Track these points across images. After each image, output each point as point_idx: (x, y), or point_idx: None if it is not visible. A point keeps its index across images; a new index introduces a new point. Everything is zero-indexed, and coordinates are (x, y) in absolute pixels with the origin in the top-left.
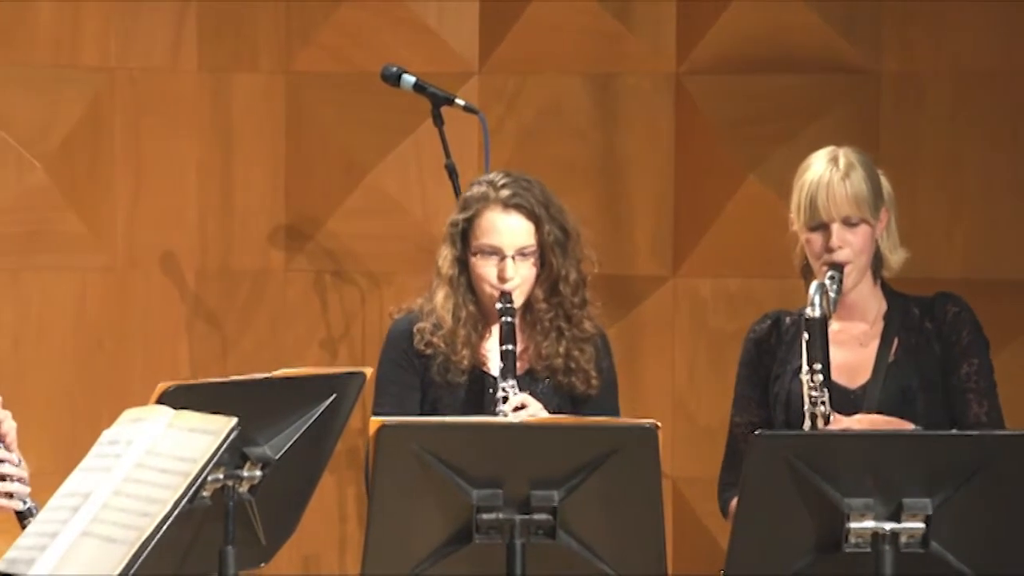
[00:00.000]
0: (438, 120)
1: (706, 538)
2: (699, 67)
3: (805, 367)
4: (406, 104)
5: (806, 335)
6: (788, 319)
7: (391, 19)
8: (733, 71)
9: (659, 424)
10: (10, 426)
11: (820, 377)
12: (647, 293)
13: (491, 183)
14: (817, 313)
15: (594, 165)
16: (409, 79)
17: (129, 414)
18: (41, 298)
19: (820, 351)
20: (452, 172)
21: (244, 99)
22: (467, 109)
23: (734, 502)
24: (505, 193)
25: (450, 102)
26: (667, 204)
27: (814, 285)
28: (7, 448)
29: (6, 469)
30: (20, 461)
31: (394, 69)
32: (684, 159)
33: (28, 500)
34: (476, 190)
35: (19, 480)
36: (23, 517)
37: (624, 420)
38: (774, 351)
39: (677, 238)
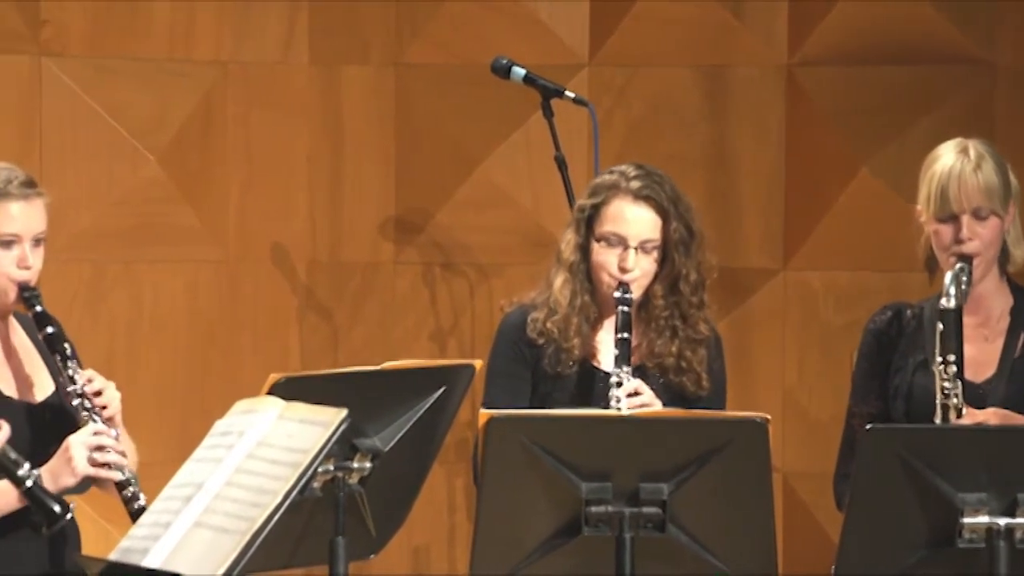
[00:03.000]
0: (548, 112)
1: (816, 532)
2: (811, 58)
3: (938, 358)
4: (516, 96)
5: (940, 325)
6: (909, 311)
7: (501, 12)
8: (845, 62)
9: (769, 418)
10: (113, 395)
11: (954, 369)
12: (757, 286)
13: (623, 173)
14: (952, 303)
15: (704, 157)
16: (519, 71)
17: (241, 405)
18: (154, 290)
19: (954, 342)
20: (562, 164)
21: (355, 92)
22: (577, 101)
23: None
24: (636, 184)
25: (560, 94)
26: (778, 196)
27: (949, 275)
28: (106, 421)
29: (104, 440)
30: (117, 434)
31: (504, 61)
32: (795, 151)
33: (127, 471)
34: (607, 178)
35: (117, 452)
36: (122, 487)
37: (734, 413)
38: (895, 343)
39: (788, 231)
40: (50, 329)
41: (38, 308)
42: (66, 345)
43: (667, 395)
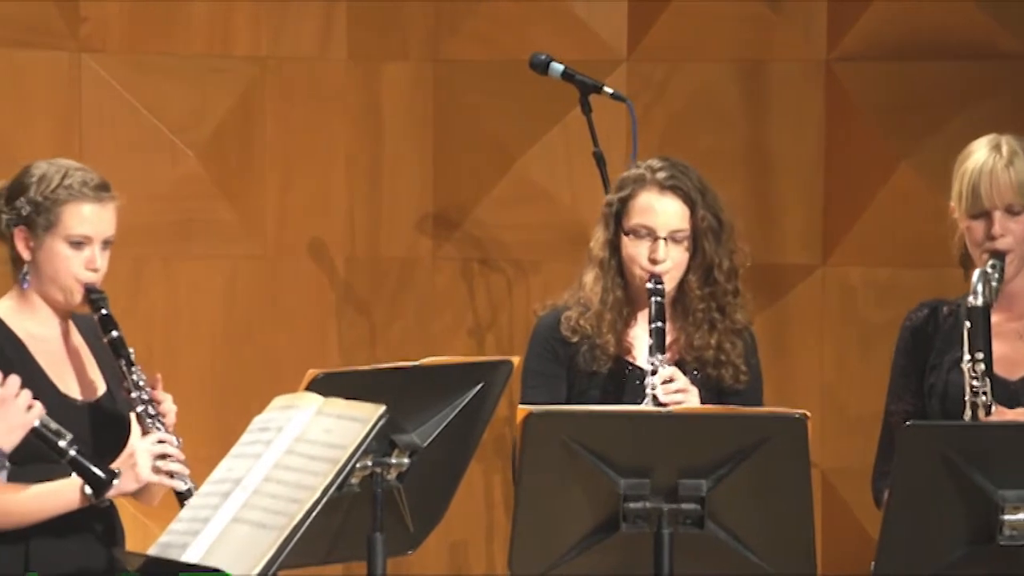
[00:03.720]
0: (586, 108)
1: (855, 528)
2: (850, 53)
3: (967, 356)
4: (554, 92)
5: (968, 324)
6: (946, 308)
7: (539, 8)
8: (885, 57)
9: (808, 414)
10: (170, 408)
11: (982, 367)
12: (796, 282)
13: (648, 166)
14: (979, 301)
15: (743, 153)
16: (557, 67)
17: (279, 401)
18: (192, 286)
19: (982, 340)
20: (600, 160)
21: (393, 88)
22: (615, 97)
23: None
24: (662, 175)
25: (598, 90)
26: (817, 192)
27: (977, 273)
28: (167, 430)
29: (168, 449)
30: (180, 442)
31: (543, 57)
32: (834, 147)
33: (188, 480)
34: (633, 172)
35: (180, 461)
36: (183, 498)
37: (773, 410)
38: (931, 340)
39: (827, 227)
40: (115, 333)
41: (104, 311)
42: (131, 350)
43: (704, 389)
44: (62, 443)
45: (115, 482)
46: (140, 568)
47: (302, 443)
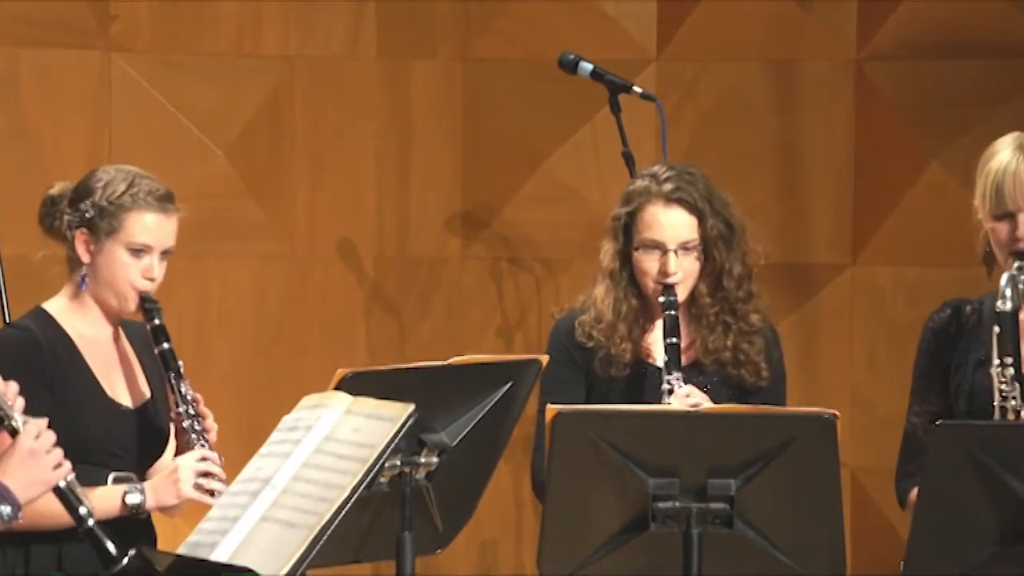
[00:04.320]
0: (615, 108)
1: (885, 527)
2: (880, 53)
3: (996, 360)
4: (583, 91)
5: (997, 328)
6: (968, 308)
7: (569, 7)
8: (915, 56)
9: (838, 414)
10: (212, 425)
11: (1011, 371)
12: (825, 281)
13: (654, 176)
14: (1008, 306)
15: (772, 152)
16: (587, 66)
17: (308, 400)
18: (221, 285)
19: (1011, 345)
20: (629, 160)
21: (422, 87)
22: (644, 96)
23: (913, 492)
24: (668, 187)
25: (627, 89)
26: (846, 192)
27: (1004, 277)
28: (211, 447)
29: (212, 467)
30: (223, 461)
31: (572, 56)
32: (864, 146)
33: None
34: (639, 184)
35: (222, 480)
36: None
37: (802, 409)
38: (954, 341)
39: (856, 226)
40: (167, 345)
41: (156, 321)
42: (180, 363)
43: (726, 388)
44: (82, 510)
45: (125, 560)
46: (169, 567)
47: (331, 442)
